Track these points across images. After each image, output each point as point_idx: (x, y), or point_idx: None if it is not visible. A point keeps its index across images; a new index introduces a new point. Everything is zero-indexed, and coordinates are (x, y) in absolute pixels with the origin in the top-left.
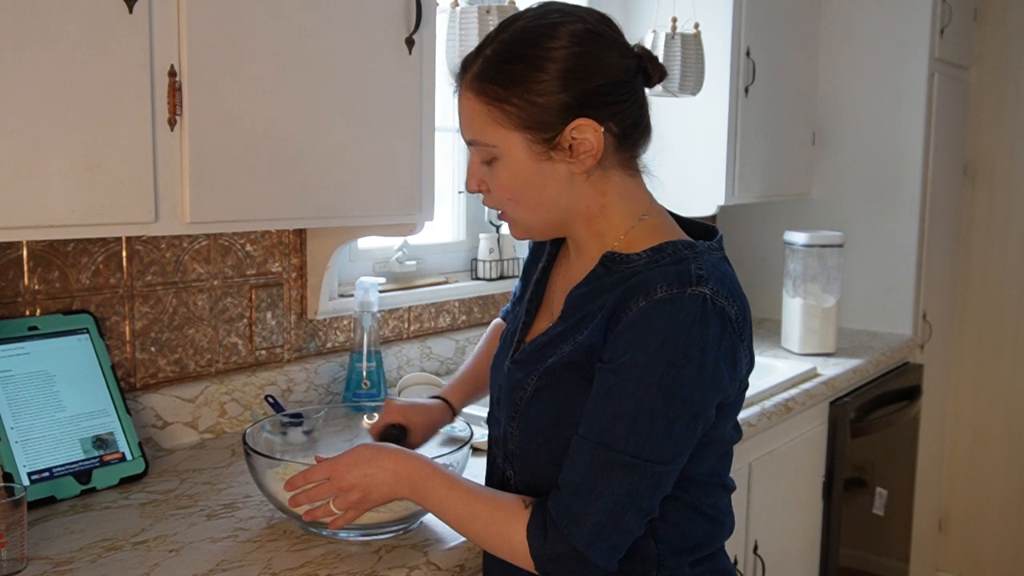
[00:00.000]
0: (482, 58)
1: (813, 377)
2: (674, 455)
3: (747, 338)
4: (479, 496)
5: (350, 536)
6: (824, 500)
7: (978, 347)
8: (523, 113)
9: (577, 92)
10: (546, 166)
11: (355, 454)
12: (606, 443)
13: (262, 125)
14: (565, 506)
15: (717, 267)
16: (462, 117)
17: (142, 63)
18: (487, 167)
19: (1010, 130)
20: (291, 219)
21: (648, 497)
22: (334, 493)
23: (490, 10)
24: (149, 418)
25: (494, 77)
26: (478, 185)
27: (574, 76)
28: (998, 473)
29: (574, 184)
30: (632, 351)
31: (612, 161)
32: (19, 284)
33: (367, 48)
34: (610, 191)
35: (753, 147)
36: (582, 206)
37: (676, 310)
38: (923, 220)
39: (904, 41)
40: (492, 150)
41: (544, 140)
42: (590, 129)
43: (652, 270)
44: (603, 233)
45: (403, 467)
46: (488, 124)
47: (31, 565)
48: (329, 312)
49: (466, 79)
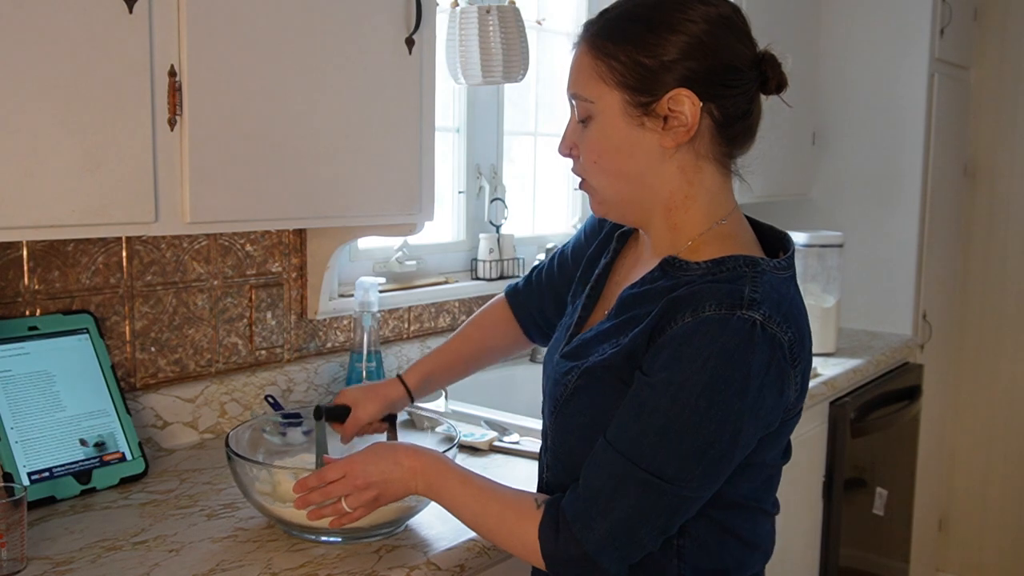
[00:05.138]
0: (607, 16)
1: (813, 377)
2: (703, 481)
3: (802, 365)
4: (492, 493)
5: (331, 540)
6: (824, 500)
7: (978, 347)
8: (627, 71)
9: (689, 65)
10: (636, 133)
11: (370, 451)
12: (631, 457)
13: (262, 125)
14: (580, 510)
15: (776, 289)
16: (571, 71)
17: (142, 63)
18: (582, 128)
19: (1010, 130)
20: (291, 219)
21: (665, 517)
22: (349, 490)
23: (490, 10)
24: (149, 418)
25: (611, 33)
26: (569, 149)
27: (691, 51)
28: (998, 473)
29: (662, 161)
30: (671, 368)
31: (707, 151)
32: (19, 284)
33: (367, 48)
34: (697, 183)
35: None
36: (665, 191)
37: (721, 332)
38: (923, 220)
39: (904, 41)
40: (589, 106)
41: (641, 104)
42: (688, 102)
43: (705, 284)
44: (678, 228)
45: (418, 463)
46: (592, 78)
47: (31, 565)
48: (329, 312)
49: (584, 36)
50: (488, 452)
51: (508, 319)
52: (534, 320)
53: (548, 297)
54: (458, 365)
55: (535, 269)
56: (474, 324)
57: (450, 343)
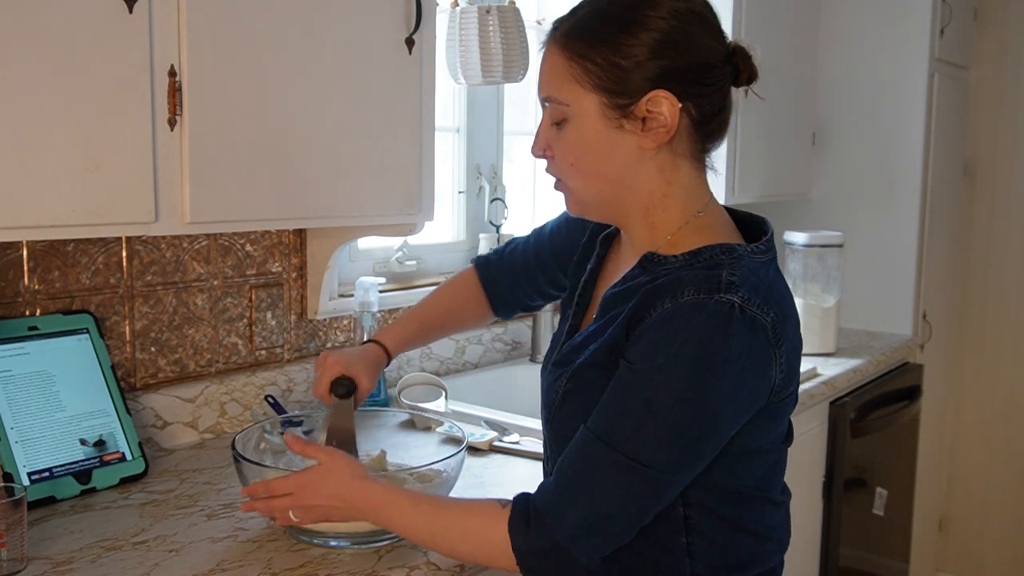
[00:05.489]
0: (576, 16)
1: (813, 377)
2: (679, 465)
3: (786, 344)
4: (448, 506)
5: (341, 545)
6: (824, 500)
7: (978, 347)
8: (604, 73)
9: (664, 64)
10: (615, 135)
11: (320, 477)
12: (609, 440)
13: (262, 125)
14: (553, 498)
15: (755, 272)
16: (541, 73)
17: (142, 63)
18: (556, 129)
19: (1010, 130)
20: (291, 219)
21: (641, 504)
22: (294, 508)
23: (490, 10)
24: (149, 418)
25: (583, 34)
26: (543, 149)
27: (664, 48)
28: (998, 473)
29: (641, 162)
30: (651, 353)
31: (684, 148)
32: (19, 284)
33: (367, 48)
34: (675, 180)
35: (753, 147)
36: (644, 190)
37: (699, 316)
38: (923, 220)
39: (904, 41)
40: (564, 109)
41: (619, 106)
42: (667, 103)
43: (681, 272)
44: (656, 225)
45: (360, 496)
46: (566, 80)
47: (31, 565)
48: (329, 312)
49: (555, 36)
50: (488, 452)
51: (477, 292)
52: (503, 297)
53: (520, 277)
54: (429, 332)
55: (509, 245)
56: (445, 292)
57: (422, 308)
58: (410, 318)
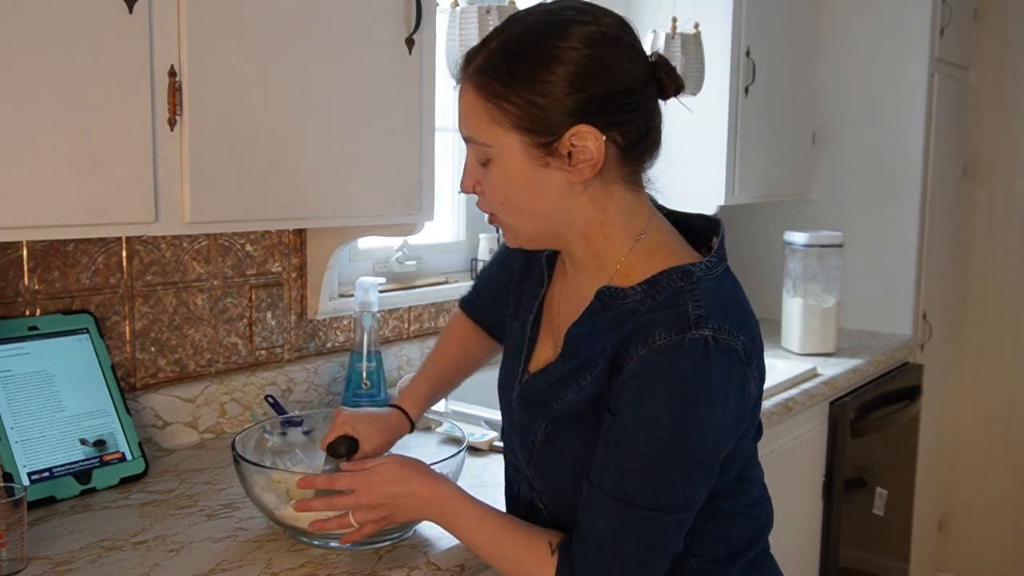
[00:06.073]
0: (487, 51)
1: (813, 377)
2: (694, 499)
3: (756, 359)
4: (507, 534)
5: (341, 546)
6: (824, 500)
7: (978, 347)
8: (522, 113)
9: (582, 97)
10: (542, 172)
11: (387, 472)
12: (625, 499)
13: (262, 125)
14: (592, 559)
15: (716, 294)
16: (460, 112)
17: (142, 63)
18: (483, 168)
19: (1010, 130)
20: (291, 219)
21: (673, 540)
22: (356, 507)
23: (490, 10)
24: (149, 418)
25: (496, 72)
26: (472, 186)
27: (580, 80)
28: (998, 473)
29: (572, 196)
30: (638, 405)
31: (615, 175)
32: (19, 284)
33: (367, 48)
34: (611, 208)
35: (753, 147)
36: (580, 221)
37: (677, 358)
38: (923, 220)
39: (904, 41)
40: (487, 150)
41: (542, 144)
42: (591, 137)
43: (648, 314)
44: (601, 254)
45: (434, 494)
46: (484, 121)
47: (31, 565)
48: (329, 312)
49: (468, 71)
50: (488, 452)
51: (475, 330)
52: (498, 325)
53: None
54: (446, 382)
55: (480, 278)
56: (447, 341)
57: (433, 363)
58: (424, 376)
